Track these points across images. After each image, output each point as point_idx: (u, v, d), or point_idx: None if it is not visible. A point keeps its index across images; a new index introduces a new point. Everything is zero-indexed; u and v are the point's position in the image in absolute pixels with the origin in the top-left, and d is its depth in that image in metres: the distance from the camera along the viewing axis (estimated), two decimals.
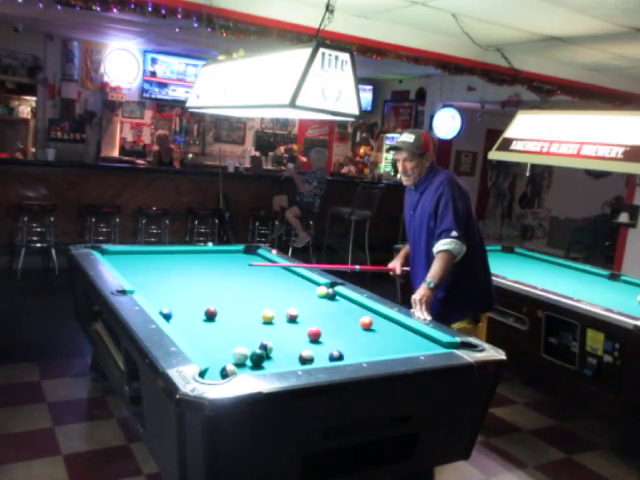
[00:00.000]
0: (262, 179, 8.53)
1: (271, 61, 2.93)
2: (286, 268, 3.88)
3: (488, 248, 5.36)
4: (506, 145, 4.68)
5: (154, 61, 9.34)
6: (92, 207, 6.80)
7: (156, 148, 9.04)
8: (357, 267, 3.74)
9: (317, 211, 7.72)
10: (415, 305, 2.93)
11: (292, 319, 2.81)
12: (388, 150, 8.85)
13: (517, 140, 4.60)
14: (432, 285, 2.92)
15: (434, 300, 2.99)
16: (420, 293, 2.93)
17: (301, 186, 7.51)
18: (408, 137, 3.16)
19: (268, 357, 2.27)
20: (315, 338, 2.55)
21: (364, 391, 2.10)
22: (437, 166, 3.25)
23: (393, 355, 2.31)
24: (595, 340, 3.44)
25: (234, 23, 4.56)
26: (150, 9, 4.30)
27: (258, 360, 2.18)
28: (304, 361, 2.22)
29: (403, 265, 3.45)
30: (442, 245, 2.96)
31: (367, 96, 10.47)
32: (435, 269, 2.95)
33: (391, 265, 3.51)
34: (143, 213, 7.12)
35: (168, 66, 9.45)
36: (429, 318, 2.87)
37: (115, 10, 4.36)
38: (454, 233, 2.94)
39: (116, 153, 9.28)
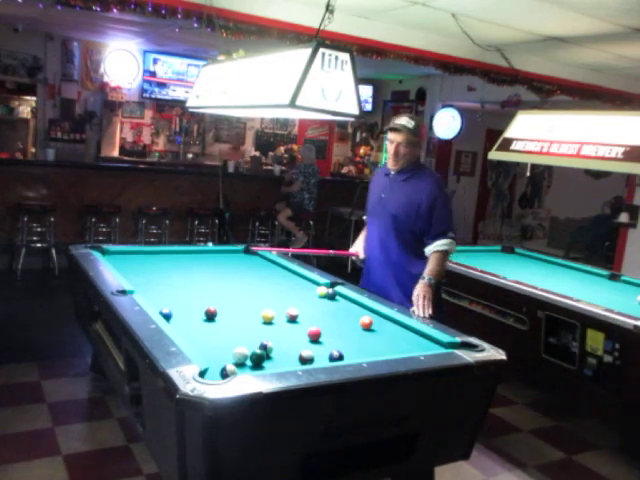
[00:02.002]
0: (262, 179, 8.53)
1: (271, 61, 2.92)
2: (285, 268, 3.88)
3: (488, 248, 5.36)
4: (506, 145, 4.68)
5: (155, 61, 9.34)
6: (92, 207, 6.80)
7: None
8: (331, 252, 4.06)
9: (311, 209, 7.68)
10: (418, 300, 3.02)
11: (292, 319, 2.81)
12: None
13: (517, 140, 4.60)
14: (432, 282, 3.07)
15: (404, 294, 3.16)
16: (422, 290, 3.05)
17: (295, 185, 7.57)
18: (409, 122, 3.20)
19: (268, 357, 2.27)
20: (315, 338, 2.55)
21: (364, 391, 2.10)
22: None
23: (393, 355, 2.32)
24: (595, 340, 3.44)
25: (234, 23, 4.55)
26: (150, 9, 4.29)
27: (258, 360, 2.18)
28: (304, 361, 2.22)
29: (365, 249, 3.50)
30: (441, 245, 3.13)
31: (367, 96, 10.46)
32: (434, 267, 3.10)
33: (353, 250, 3.56)
34: (143, 213, 7.12)
35: (169, 66, 9.44)
36: (430, 313, 2.96)
37: (115, 10, 4.35)
38: (451, 234, 3.16)
39: (116, 153, 9.27)
